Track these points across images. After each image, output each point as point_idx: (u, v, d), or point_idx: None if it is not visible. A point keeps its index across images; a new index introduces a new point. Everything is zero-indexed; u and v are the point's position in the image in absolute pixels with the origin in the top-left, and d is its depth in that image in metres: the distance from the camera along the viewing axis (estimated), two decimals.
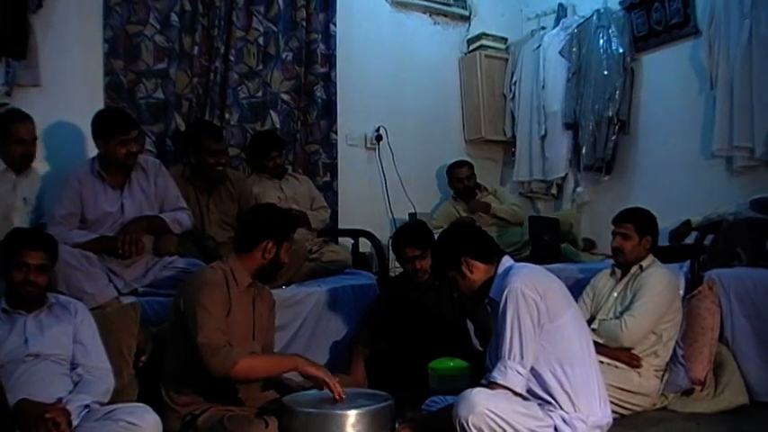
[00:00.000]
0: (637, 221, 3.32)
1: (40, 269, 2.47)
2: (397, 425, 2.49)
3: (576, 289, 3.38)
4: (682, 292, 3.39)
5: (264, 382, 2.69)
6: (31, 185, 3.34)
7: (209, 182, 3.75)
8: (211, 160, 3.68)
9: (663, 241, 3.65)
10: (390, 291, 3.67)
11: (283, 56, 4.50)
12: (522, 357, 2.30)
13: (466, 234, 2.66)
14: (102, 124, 3.22)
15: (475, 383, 2.41)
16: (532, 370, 2.33)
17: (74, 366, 2.45)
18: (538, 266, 2.61)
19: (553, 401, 2.32)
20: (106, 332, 2.64)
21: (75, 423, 2.20)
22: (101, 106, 3.88)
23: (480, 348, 3.48)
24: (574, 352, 2.36)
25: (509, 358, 2.31)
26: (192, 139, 3.79)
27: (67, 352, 2.46)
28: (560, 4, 5.34)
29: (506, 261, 2.54)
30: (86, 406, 2.31)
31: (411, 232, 3.50)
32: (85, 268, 2.96)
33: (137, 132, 3.27)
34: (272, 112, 4.47)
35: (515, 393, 2.32)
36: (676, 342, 3.26)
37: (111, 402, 2.42)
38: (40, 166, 3.60)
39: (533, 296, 2.33)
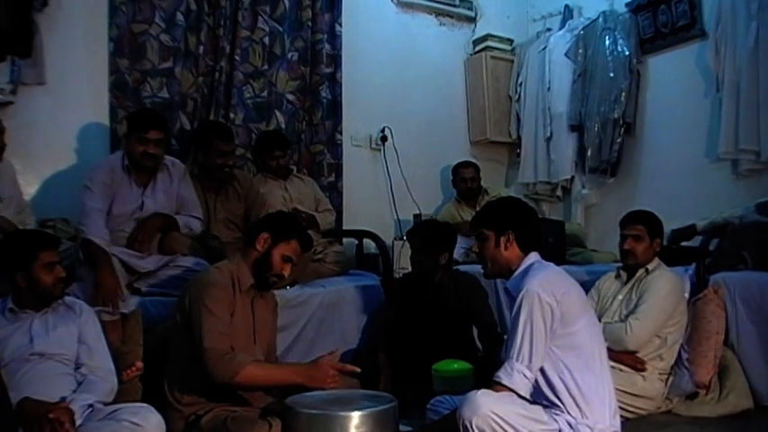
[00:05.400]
0: (649, 223, 3.31)
1: (59, 266, 2.49)
2: (400, 427, 2.48)
3: None
4: (687, 295, 3.37)
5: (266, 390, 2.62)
6: (3, 179, 3.15)
7: (216, 181, 3.75)
8: (219, 161, 3.68)
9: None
10: (398, 290, 3.67)
11: (289, 56, 4.50)
12: (530, 361, 2.28)
13: (529, 218, 2.58)
14: (128, 121, 3.46)
15: (478, 386, 2.39)
16: (542, 370, 2.31)
17: (78, 366, 2.44)
18: (559, 268, 2.53)
19: (560, 404, 2.30)
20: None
21: (78, 422, 2.19)
22: (105, 105, 3.92)
23: (483, 351, 3.48)
24: (585, 359, 2.33)
25: (517, 360, 2.29)
26: (201, 138, 3.77)
27: (72, 352, 2.45)
28: (566, 6, 5.33)
29: (532, 257, 2.48)
30: (90, 405, 2.30)
31: (424, 228, 3.72)
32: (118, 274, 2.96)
33: (159, 134, 3.29)
34: (277, 112, 4.47)
35: (519, 396, 2.30)
36: (681, 345, 3.25)
37: (114, 402, 2.41)
38: (43, 164, 3.61)
39: (549, 301, 2.29)
